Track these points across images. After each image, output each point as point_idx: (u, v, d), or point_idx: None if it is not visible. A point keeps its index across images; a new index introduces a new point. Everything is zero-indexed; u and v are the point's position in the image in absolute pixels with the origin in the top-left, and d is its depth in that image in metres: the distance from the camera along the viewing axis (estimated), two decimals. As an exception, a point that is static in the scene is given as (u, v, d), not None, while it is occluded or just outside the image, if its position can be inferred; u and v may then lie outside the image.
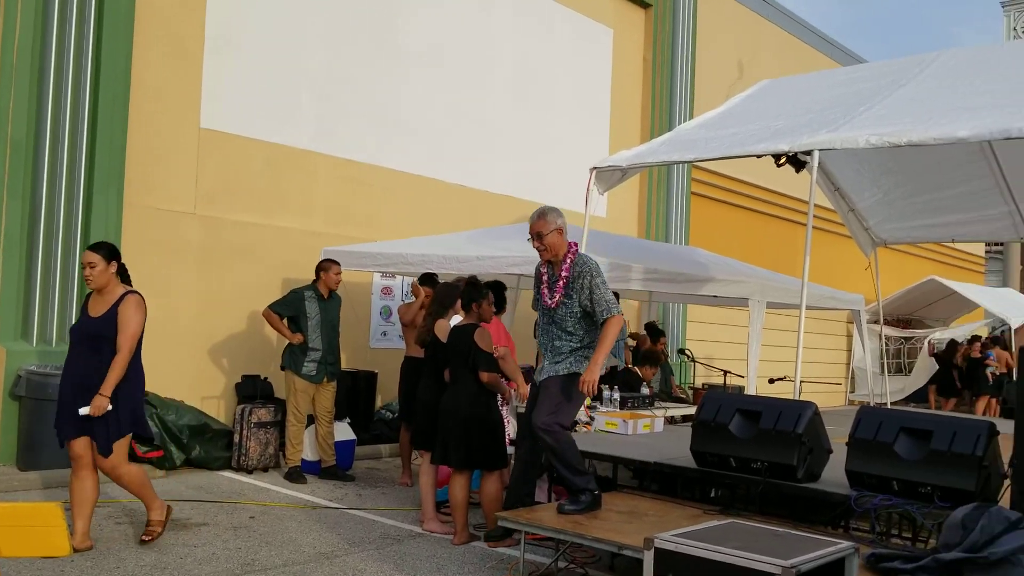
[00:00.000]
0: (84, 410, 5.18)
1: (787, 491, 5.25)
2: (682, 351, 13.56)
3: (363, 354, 10.23)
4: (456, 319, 6.37)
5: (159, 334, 8.51)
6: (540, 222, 5.27)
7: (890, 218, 10.45)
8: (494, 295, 6.97)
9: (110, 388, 5.20)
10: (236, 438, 8.13)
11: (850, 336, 18.74)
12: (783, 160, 6.69)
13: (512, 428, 6.75)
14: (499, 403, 6.15)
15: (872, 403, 10.87)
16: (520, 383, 6.50)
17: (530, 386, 5.69)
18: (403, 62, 10.71)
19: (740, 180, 15.49)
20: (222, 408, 8.89)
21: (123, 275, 5.47)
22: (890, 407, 8.21)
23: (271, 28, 9.46)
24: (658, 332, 11.31)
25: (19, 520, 2.67)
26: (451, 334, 6.18)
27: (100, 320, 5.28)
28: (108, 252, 5.35)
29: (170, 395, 8.30)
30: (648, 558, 3.68)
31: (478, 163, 11.59)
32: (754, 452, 5.27)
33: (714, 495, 6.01)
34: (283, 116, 9.56)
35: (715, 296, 9.34)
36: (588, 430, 7.20)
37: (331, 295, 8.08)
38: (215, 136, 9.00)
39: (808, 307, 6.90)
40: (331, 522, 6.40)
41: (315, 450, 8.06)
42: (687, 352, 13.32)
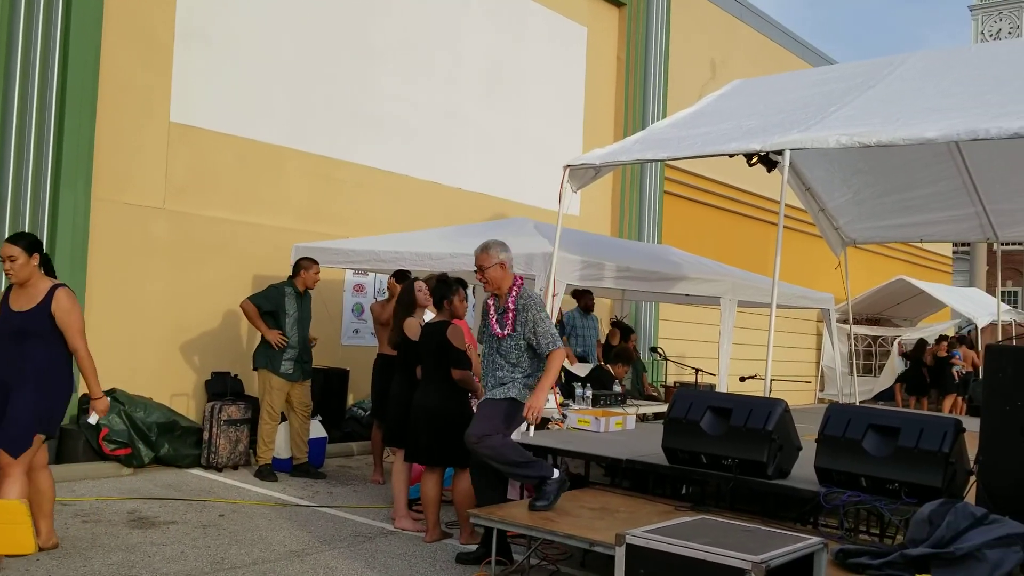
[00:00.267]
0: (93, 418, 5.24)
1: (757, 487, 5.29)
2: (654, 349, 13.62)
3: (335, 352, 10.17)
4: (429, 315, 6.35)
5: (127, 330, 8.43)
6: (483, 255, 5.40)
7: (860, 218, 10.56)
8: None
9: (98, 389, 5.21)
10: (206, 435, 8.06)
11: (820, 335, 18.92)
12: (755, 160, 6.74)
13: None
14: (471, 400, 6.14)
15: (841, 401, 10.99)
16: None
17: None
18: (376, 58, 10.66)
19: (713, 180, 15.59)
20: (191, 405, 8.80)
21: (47, 267, 5.20)
22: (859, 405, 8.30)
23: (243, 21, 9.37)
24: (627, 330, 11.34)
25: (-18, 518, 2.63)
26: (423, 331, 6.15)
27: (26, 315, 5.01)
28: (29, 244, 5.06)
29: (139, 392, 8.21)
30: (619, 554, 3.69)
31: (451, 160, 11.56)
32: (725, 449, 5.30)
33: (685, 492, 6.05)
34: (255, 111, 9.47)
35: (687, 295, 9.40)
36: (560, 427, 7.21)
37: (305, 293, 8.02)
38: (185, 130, 8.90)
39: (779, 306, 6.96)
40: (302, 520, 6.36)
41: (287, 447, 8.00)
42: (659, 350, 13.38)
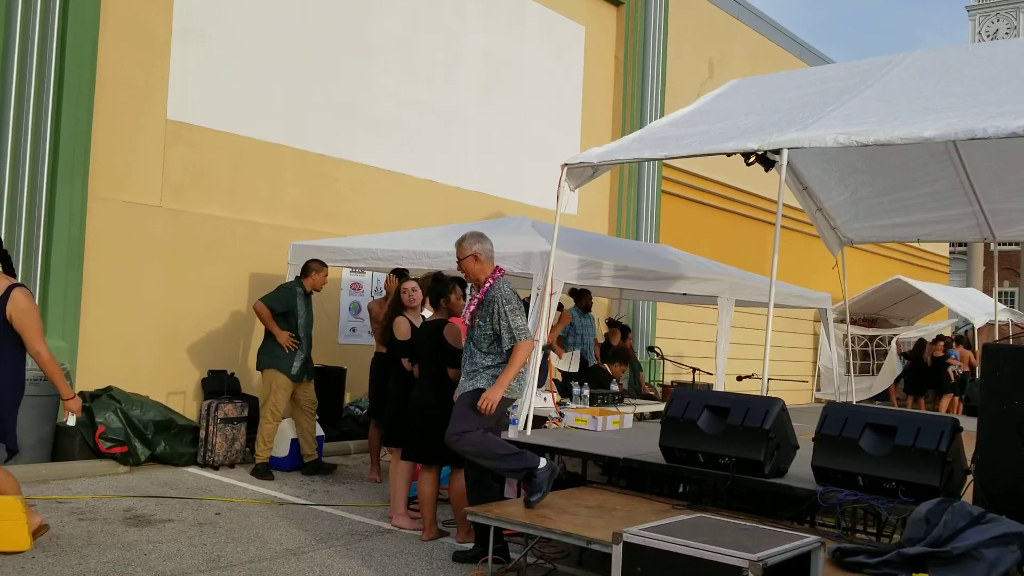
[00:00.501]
0: (71, 419, 5.26)
1: (754, 486, 5.28)
2: (652, 349, 13.61)
3: (332, 350, 10.17)
4: (427, 314, 6.35)
5: (124, 328, 8.42)
6: (458, 248, 5.51)
7: (857, 217, 10.56)
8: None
9: (68, 390, 5.23)
10: (202, 434, 8.04)
11: (817, 335, 18.94)
12: (752, 159, 6.73)
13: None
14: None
15: (838, 401, 10.98)
16: None
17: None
18: (374, 56, 10.65)
19: (710, 179, 15.59)
20: (188, 403, 8.79)
21: (5, 265, 5.09)
22: (856, 404, 8.29)
23: (241, 19, 9.36)
24: (625, 329, 11.34)
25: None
26: (420, 329, 6.15)
27: None
28: None
29: (135, 390, 8.19)
30: (616, 552, 3.68)
31: (449, 159, 11.55)
32: (722, 448, 5.30)
33: (682, 490, 6.05)
34: (252, 109, 9.46)
35: (685, 294, 9.39)
36: (558, 426, 7.20)
37: (311, 293, 8.06)
38: (182, 128, 8.89)
39: (776, 305, 6.95)
40: (298, 518, 6.35)
41: (286, 446, 8.00)
42: (656, 350, 13.38)
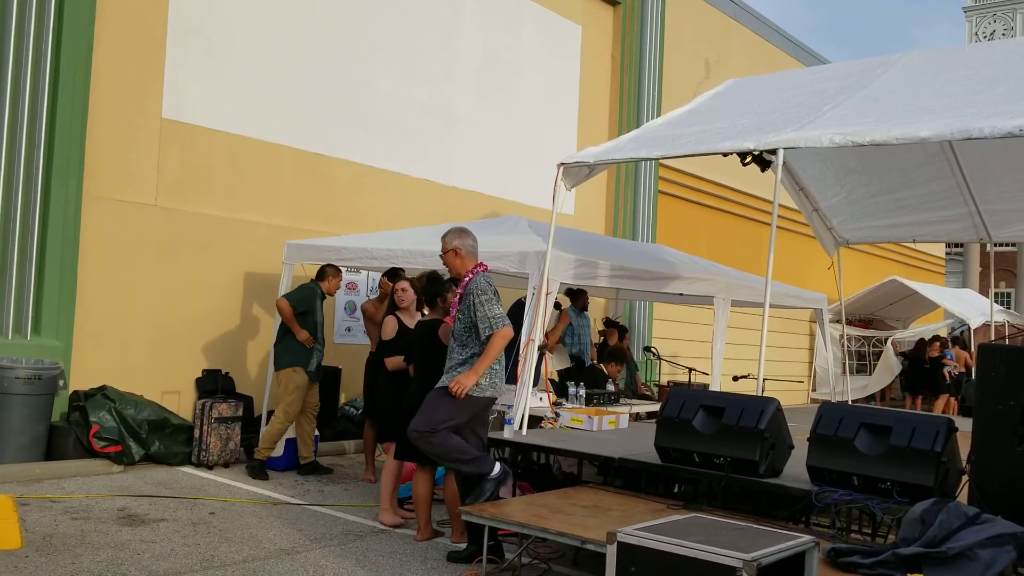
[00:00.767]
0: None
1: (749, 486, 5.28)
2: (648, 348, 13.61)
3: (327, 350, 10.10)
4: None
5: (118, 327, 8.39)
6: (442, 243, 5.61)
7: (853, 218, 10.55)
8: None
9: None
10: (196, 433, 8.03)
11: (813, 335, 18.94)
12: (749, 159, 6.73)
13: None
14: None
15: (834, 401, 10.99)
16: None
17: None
18: (371, 55, 10.63)
19: (707, 179, 15.59)
20: (182, 403, 8.76)
21: None
22: (851, 404, 8.28)
23: (236, 17, 9.34)
24: (622, 329, 11.34)
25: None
26: (416, 329, 6.14)
27: None
28: None
29: (129, 389, 8.17)
30: (611, 552, 3.67)
31: (446, 158, 11.54)
32: (717, 447, 5.30)
33: (678, 490, 6.04)
34: (248, 108, 9.44)
35: (681, 294, 9.38)
36: (554, 426, 7.20)
37: (324, 297, 8.18)
38: (178, 127, 8.87)
39: (772, 305, 6.95)
40: (292, 518, 6.33)
41: (282, 446, 7.99)
42: (653, 350, 13.38)
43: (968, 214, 10.00)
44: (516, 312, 8.23)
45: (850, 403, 9.05)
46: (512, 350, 7.12)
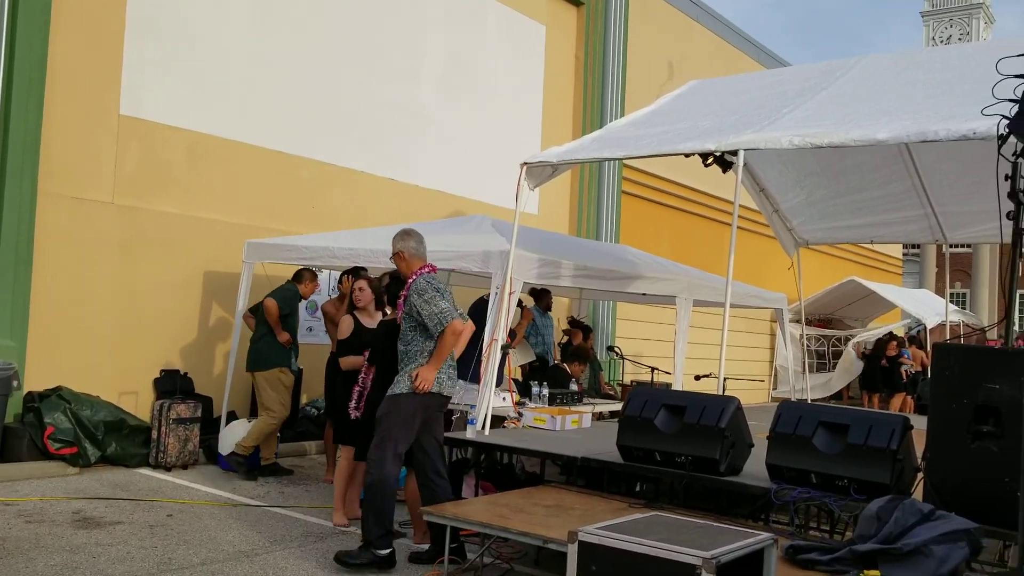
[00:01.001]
0: None
1: (710, 484, 5.32)
2: (611, 348, 13.67)
3: (289, 349, 10.04)
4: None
5: (74, 327, 8.24)
6: (392, 245, 5.57)
7: (812, 219, 10.69)
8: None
9: None
10: (154, 434, 7.92)
11: (774, 335, 19.16)
12: (710, 160, 6.79)
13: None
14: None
15: (794, 399, 11.12)
16: None
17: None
18: (332, 52, 10.55)
19: (670, 180, 15.69)
20: (140, 404, 8.62)
21: None
22: (810, 402, 8.39)
23: (196, 13, 9.21)
24: (586, 329, 11.38)
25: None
26: (377, 330, 6.10)
27: None
28: None
29: (85, 390, 8.03)
30: (572, 551, 3.67)
31: (409, 157, 11.48)
32: (678, 446, 5.33)
33: (640, 489, 6.07)
34: (208, 104, 9.32)
35: (644, 294, 9.44)
36: (516, 426, 7.19)
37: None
38: (135, 123, 8.73)
39: (732, 305, 7.01)
40: (252, 520, 6.26)
41: (231, 445, 7.92)
42: (616, 349, 13.43)
43: (924, 215, 10.18)
44: (477, 311, 8.23)
45: (809, 401, 9.18)
46: (475, 349, 7.11)
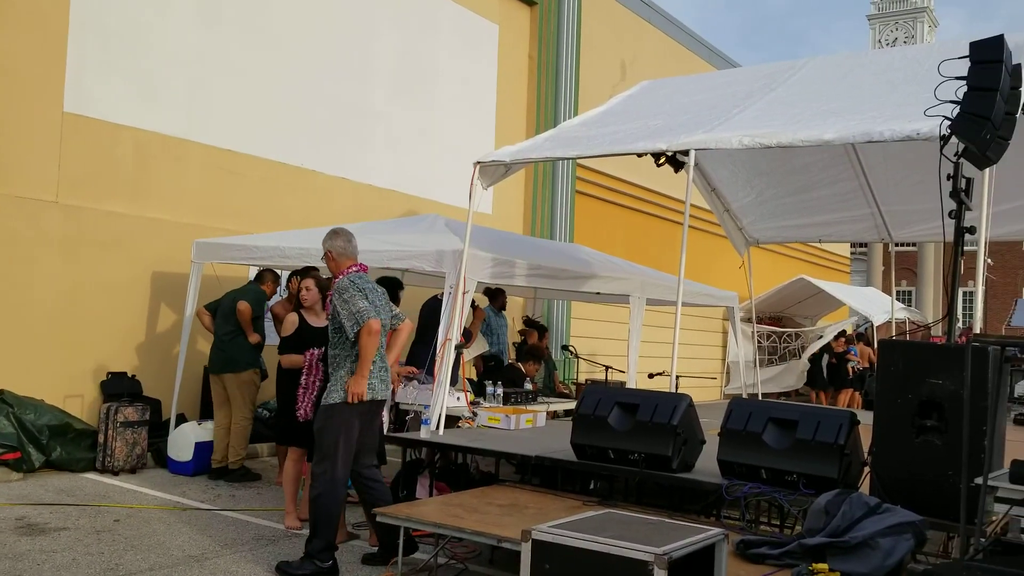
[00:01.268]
0: None
1: (663, 481, 5.36)
2: (566, 347, 13.71)
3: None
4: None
5: (17, 329, 8.04)
6: (322, 245, 5.48)
7: (762, 218, 10.84)
8: (387, 292, 6.90)
9: None
10: (101, 438, 7.76)
11: (726, 333, 19.39)
12: (663, 160, 6.86)
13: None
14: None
15: (745, 395, 11.27)
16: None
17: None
18: (282, 49, 10.43)
19: (623, 179, 15.79)
20: (86, 407, 8.44)
21: None
22: (761, 399, 8.52)
23: (141, 9, 9.04)
24: (541, 329, 11.40)
25: None
26: (324, 329, 6.05)
27: None
28: None
29: (29, 393, 7.84)
30: (525, 550, 3.68)
31: (361, 156, 11.40)
32: (631, 444, 5.36)
33: (593, 487, 6.09)
34: (153, 101, 9.15)
35: (598, 293, 9.49)
36: (471, 425, 7.18)
37: None
38: (80, 121, 8.54)
39: (684, 304, 7.08)
40: (202, 524, 6.16)
41: (190, 449, 7.81)
42: (571, 348, 13.48)
43: (871, 215, 10.38)
44: (429, 312, 8.20)
45: (760, 397, 9.33)
46: (429, 349, 7.09)
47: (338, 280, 5.31)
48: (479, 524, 4.67)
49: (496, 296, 10.13)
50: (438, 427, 6.51)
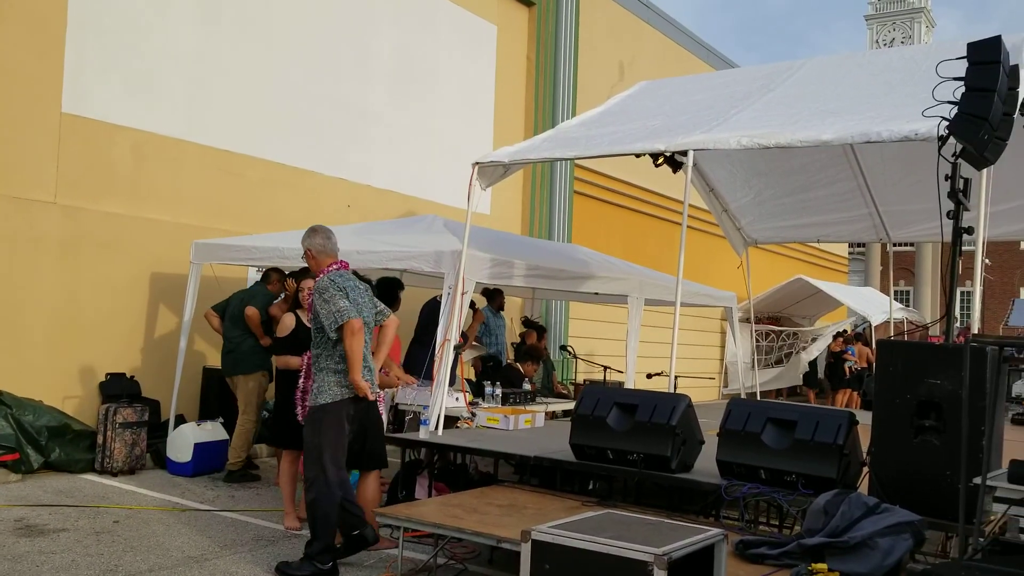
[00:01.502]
0: None
1: (661, 481, 5.37)
2: (564, 347, 13.72)
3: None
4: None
5: (16, 330, 8.04)
6: (301, 244, 5.43)
7: (760, 218, 10.85)
8: (386, 292, 6.91)
9: None
10: (100, 439, 7.75)
11: (724, 333, 19.40)
12: (661, 160, 6.86)
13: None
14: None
15: (744, 396, 11.29)
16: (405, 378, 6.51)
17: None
18: (281, 51, 10.42)
19: (621, 180, 15.80)
20: (85, 408, 8.43)
21: None
22: (759, 399, 8.54)
23: (139, 8, 9.04)
24: (540, 329, 11.41)
25: None
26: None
27: None
28: None
29: (28, 394, 7.83)
30: (525, 550, 3.68)
31: (360, 156, 11.40)
32: (630, 444, 5.37)
33: (592, 487, 6.10)
34: (152, 102, 9.15)
35: (596, 293, 9.49)
36: (470, 426, 7.18)
37: None
38: (78, 122, 8.53)
39: (683, 304, 7.09)
40: (201, 525, 6.16)
41: (189, 451, 7.80)
42: (569, 348, 13.49)
43: (869, 215, 10.40)
44: (429, 312, 8.21)
45: (758, 397, 9.34)
46: (428, 350, 7.09)
47: (318, 279, 5.24)
48: (478, 524, 4.68)
49: (494, 296, 10.14)
50: (437, 427, 6.51)
